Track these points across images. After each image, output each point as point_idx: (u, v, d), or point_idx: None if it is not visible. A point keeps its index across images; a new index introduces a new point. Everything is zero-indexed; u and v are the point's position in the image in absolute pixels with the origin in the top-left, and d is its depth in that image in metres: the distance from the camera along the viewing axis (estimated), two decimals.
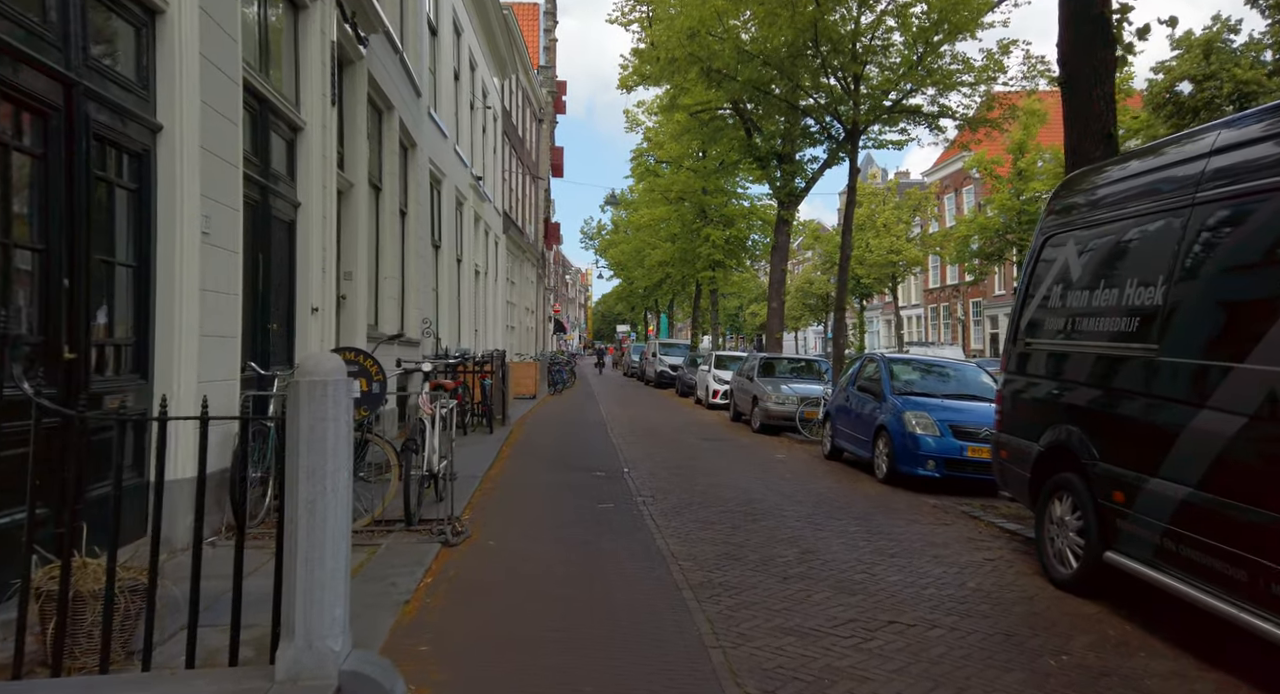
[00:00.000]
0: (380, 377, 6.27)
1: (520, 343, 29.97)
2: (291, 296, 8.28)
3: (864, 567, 6.03)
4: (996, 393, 6.81)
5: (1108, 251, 5.54)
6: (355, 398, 6.14)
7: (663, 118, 28.98)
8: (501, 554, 6.01)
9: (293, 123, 8.16)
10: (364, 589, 4.77)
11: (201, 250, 5.69)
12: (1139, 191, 5.37)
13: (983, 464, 9.48)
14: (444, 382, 7.66)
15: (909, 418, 9.97)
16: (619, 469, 10.57)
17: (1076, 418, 5.53)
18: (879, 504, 8.71)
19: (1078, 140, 7.33)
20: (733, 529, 7.16)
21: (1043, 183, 29.89)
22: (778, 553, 6.34)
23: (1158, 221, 5.04)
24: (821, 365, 18.86)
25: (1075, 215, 6.08)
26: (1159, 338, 4.77)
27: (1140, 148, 6.02)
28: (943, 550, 6.64)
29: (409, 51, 13.35)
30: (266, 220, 7.48)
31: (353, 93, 10.23)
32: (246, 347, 6.98)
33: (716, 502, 8.45)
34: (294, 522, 3.20)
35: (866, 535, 7.10)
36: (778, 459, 12.32)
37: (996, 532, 7.39)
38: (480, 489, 8.56)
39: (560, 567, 5.75)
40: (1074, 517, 5.45)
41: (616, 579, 5.50)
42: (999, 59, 15.44)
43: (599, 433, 14.88)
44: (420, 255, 14.08)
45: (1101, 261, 5.58)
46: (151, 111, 5.43)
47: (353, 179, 10.24)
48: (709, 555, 6.19)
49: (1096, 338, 5.42)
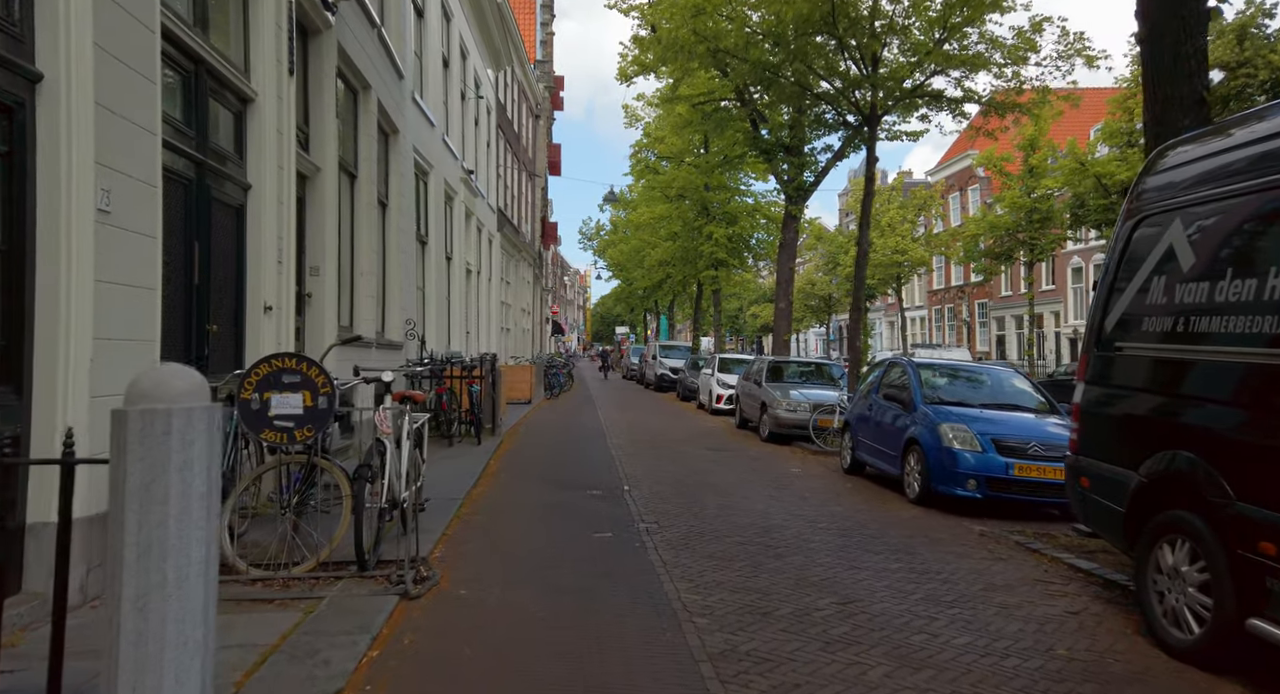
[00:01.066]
0: (328, 389, 5.14)
1: (515, 345, 28.83)
2: (240, 293, 7.15)
3: (921, 622, 4.89)
4: (1073, 406, 5.67)
5: (1237, 233, 4.41)
6: (296, 415, 5.02)
7: (663, 111, 27.87)
8: (474, 610, 4.87)
9: (241, 92, 7.03)
10: (284, 675, 3.63)
11: (98, 232, 4.56)
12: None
13: (1030, 484, 8.40)
14: (411, 393, 6.51)
15: (945, 431, 8.83)
16: (618, 487, 9.43)
17: (1196, 442, 4.40)
18: (917, 531, 7.57)
19: (1162, 108, 6.20)
20: (754, 568, 6.02)
21: (1055, 180, 28.83)
22: (812, 603, 5.20)
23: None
24: (834, 370, 17.72)
25: (1181, 190, 4.94)
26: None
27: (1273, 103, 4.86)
28: (1009, 597, 5.50)
29: (390, 29, 12.22)
30: (204, 202, 6.35)
31: (319, 65, 9.09)
32: (174, 352, 5.85)
33: (730, 530, 7.31)
34: (116, 629, 2.06)
35: (913, 576, 5.96)
36: (793, 473, 11.18)
37: (1066, 571, 6.25)
38: (459, 515, 7.42)
39: (547, 628, 4.61)
40: (1195, 568, 4.32)
41: (616, 647, 4.36)
42: (1031, 38, 14.30)
43: (596, 443, 13.73)
44: (403, 251, 12.94)
45: (1227, 245, 4.45)
46: (28, 56, 4.30)
47: (319, 162, 9.10)
48: (729, 608, 5.05)
49: (1226, 341, 4.29)
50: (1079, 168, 26.68)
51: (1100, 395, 5.39)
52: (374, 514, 5.45)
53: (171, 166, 5.79)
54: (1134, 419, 5.00)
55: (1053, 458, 8.41)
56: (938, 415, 9.18)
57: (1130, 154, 25.53)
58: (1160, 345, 4.85)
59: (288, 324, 7.71)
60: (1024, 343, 39.12)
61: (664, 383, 30.17)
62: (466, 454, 11.15)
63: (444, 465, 9.91)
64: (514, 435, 14.32)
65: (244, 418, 5.05)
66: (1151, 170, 5.45)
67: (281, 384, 5.09)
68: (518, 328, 30.24)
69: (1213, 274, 4.48)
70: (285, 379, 5.10)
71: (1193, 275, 4.63)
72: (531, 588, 5.35)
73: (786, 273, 20.18)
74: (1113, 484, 5.05)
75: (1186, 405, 4.55)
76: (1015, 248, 31.05)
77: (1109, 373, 5.33)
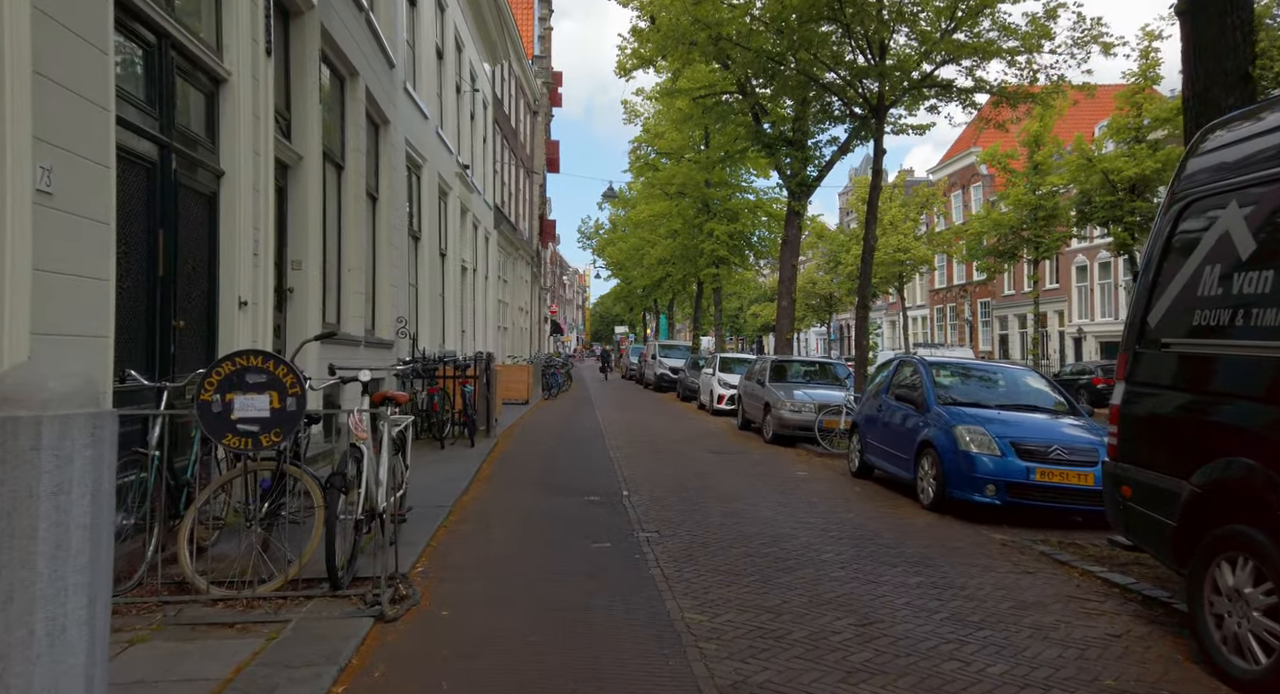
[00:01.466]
0: (298, 390, 4.68)
1: (513, 345, 28.36)
2: (212, 287, 6.69)
3: (950, 647, 4.43)
4: (1111, 408, 5.21)
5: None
6: (262, 418, 4.56)
7: (663, 105, 27.38)
8: (457, 634, 4.41)
9: (212, 72, 6.57)
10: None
11: (38, 215, 4.10)
12: None
13: (1052, 490, 7.94)
14: (394, 394, 6.05)
15: (961, 433, 8.37)
16: (617, 492, 8.97)
17: (1257, 448, 3.94)
18: (935, 541, 7.11)
19: (1204, 85, 5.73)
20: (763, 583, 5.56)
21: (1060, 177, 28.37)
22: (829, 624, 4.74)
23: None
24: (838, 369, 17.26)
25: (1237, 171, 4.48)
26: None
27: None
28: (1042, 617, 5.04)
29: (379, 16, 11.76)
30: (170, 189, 5.89)
31: (301, 47, 8.63)
32: (133, 350, 5.40)
33: (736, 539, 6.86)
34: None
35: (935, 592, 5.50)
36: (799, 477, 10.72)
37: (1100, 586, 5.78)
38: (446, 524, 6.96)
39: (536, 655, 4.15)
40: (1260, 591, 3.86)
41: (615, 677, 3.90)
42: (1045, 24, 13.80)
43: (595, 445, 13.27)
44: (395, 246, 12.48)
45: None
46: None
47: (302, 151, 8.63)
48: (738, 631, 4.59)
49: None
50: (1086, 164, 26.23)
51: (1144, 396, 4.93)
52: (349, 527, 4.98)
53: (131, 147, 5.34)
54: (1185, 422, 4.54)
55: (1076, 462, 7.97)
56: (953, 417, 8.72)
57: (1138, 150, 25.09)
58: (1215, 341, 4.39)
59: (265, 321, 7.25)
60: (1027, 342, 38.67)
61: (664, 383, 29.75)
62: (458, 457, 10.69)
63: (434, 469, 9.45)
64: (509, 437, 13.86)
65: (204, 421, 4.59)
66: (1197, 152, 4.99)
67: (246, 384, 4.63)
68: (515, 327, 29.77)
69: (1278, 261, 4.02)
70: (250, 378, 4.63)
71: (1253, 263, 4.17)
72: (521, 607, 4.90)
73: (789, 270, 19.71)
74: (1160, 494, 4.59)
75: (1245, 407, 4.09)
76: (1019, 246, 30.57)
77: (1154, 372, 4.87)
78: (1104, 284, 36.82)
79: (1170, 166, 24.83)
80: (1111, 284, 36.16)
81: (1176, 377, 4.69)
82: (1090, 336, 37.34)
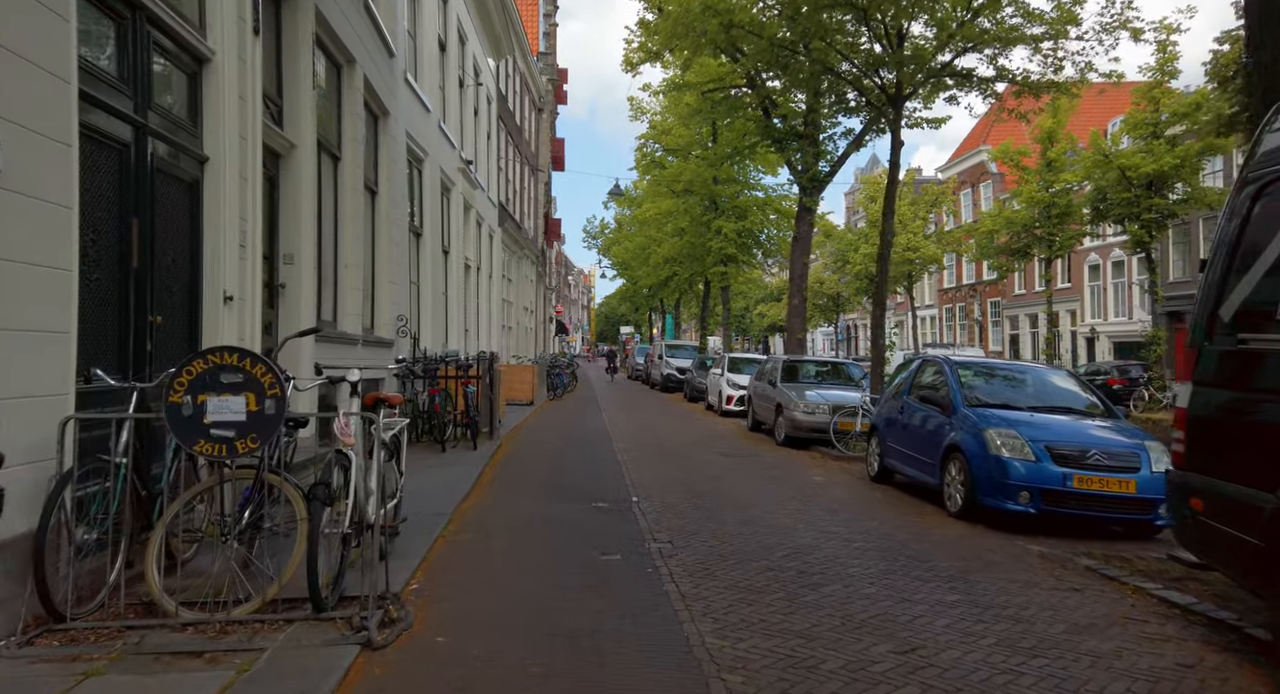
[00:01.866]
0: (277, 391, 4.22)
1: (518, 344, 27.92)
2: (195, 280, 6.24)
3: (1003, 679, 3.96)
4: (1177, 411, 4.73)
5: None
6: (238, 422, 4.11)
7: (670, 101, 26.95)
8: (452, 665, 3.95)
9: (194, 49, 6.12)
10: None
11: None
12: None
13: (1092, 497, 7.47)
14: (387, 395, 5.59)
15: (992, 437, 7.88)
16: (626, 498, 8.52)
17: None
18: (968, 554, 6.63)
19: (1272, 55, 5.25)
20: (788, 602, 5.10)
21: (1075, 174, 27.84)
22: (865, 651, 4.27)
23: None
24: (853, 369, 16.77)
25: None
26: None
27: None
28: (1101, 643, 4.56)
29: (378, 2, 11.31)
30: (146, 174, 5.44)
31: (293, 30, 8.18)
32: (103, 346, 4.95)
33: (756, 551, 6.39)
34: None
35: (976, 611, 5.03)
36: (816, 482, 10.25)
37: (1158, 606, 5.30)
38: (445, 534, 6.51)
39: (541, 690, 3.69)
40: None
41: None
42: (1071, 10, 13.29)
43: (602, 448, 12.82)
44: (395, 242, 12.03)
45: None
46: None
47: (294, 139, 8.19)
48: (766, 660, 4.12)
49: None
50: (1102, 160, 25.72)
51: (1218, 399, 4.45)
52: (335, 542, 4.53)
53: (99, 126, 4.89)
54: (1271, 428, 4.06)
55: (1116, 468, 7.49)
56: (982, 419, 8.24)
57: (1155, 145, 24.56)
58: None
59: (254, 317, 6.80)
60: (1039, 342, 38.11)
61: (670, 383, 29.32)
62: (460, 461, 10.24)
63: (434, 474, 9.01)
64: (513, 439, 13.41)
65: (173, 426, 4.14)
66: (1273, 126, 4.51)
67: (220, 384, 4.18)
68: (520, 326, 29.33)
69: None
70: (225, 378, 4.18)
71: None
72: (525, 632, 4.43)
73: (800, 268, 19.23)
74: (1241, 508, 4.11)
75: None
76: (1032, 244, 30.04)
77: (1231, 371, 4.39)
78: (1117, 283, 36.27)
79: (1189, 163, 24.34)
80: (1125, 283, 35.60)
81: (1260, 377, 4.20)
82: (1103, 336, 36.79)
